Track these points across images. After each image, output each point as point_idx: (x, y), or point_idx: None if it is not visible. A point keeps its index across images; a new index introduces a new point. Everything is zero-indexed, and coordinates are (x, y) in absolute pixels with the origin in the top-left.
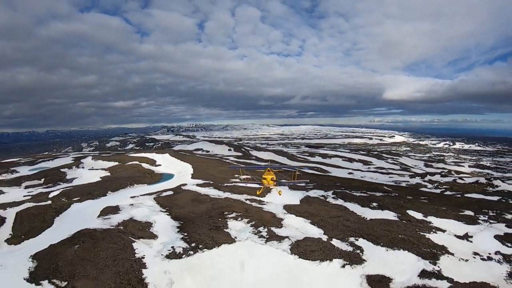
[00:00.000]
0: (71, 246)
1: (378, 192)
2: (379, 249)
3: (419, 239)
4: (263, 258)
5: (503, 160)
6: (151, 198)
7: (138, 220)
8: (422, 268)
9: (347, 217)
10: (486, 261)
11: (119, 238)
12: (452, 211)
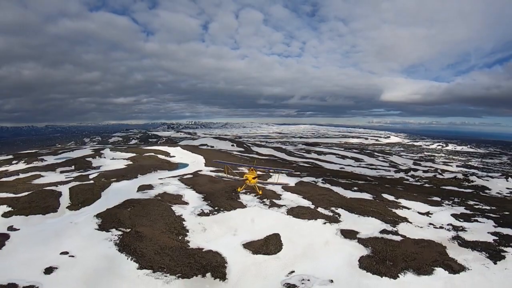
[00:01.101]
0: (124, 209)
1: (360, 181)
2: (352, 216)
3: (386, 211)
4: (267, 216)
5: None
6: (175, 179)
7: (171, 193)
8: (383, 228)
9: (331, 195)
10: (437, 229)
11: (160, 204)
12: (422, 196)
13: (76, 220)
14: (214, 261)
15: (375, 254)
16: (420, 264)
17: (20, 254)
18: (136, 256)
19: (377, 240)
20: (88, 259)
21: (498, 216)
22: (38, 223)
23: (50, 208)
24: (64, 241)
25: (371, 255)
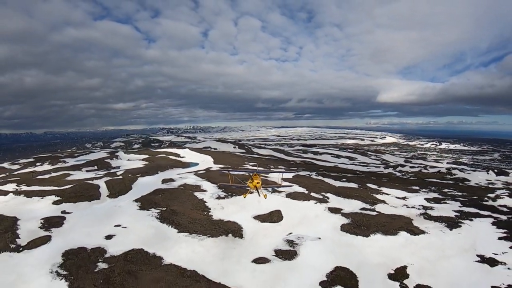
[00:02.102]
0: (156, 195)
1: (349, 174)
2: (339, 198)
3: (367, 196)
4: (270, 198)
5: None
6: (191, 174)
7: (190, 184)
8: (363, 207)
9: (322, 184)
10: (409, 208)
11: (184, 191)
12: (402, 186)
13: (119, 204)
14: (233, 227)
15: (354, 222)
16: (388, 229)
17: (80, 229)
18: (174, 225)
19: (356, 214)
20: (138, 228)
21: (466, 199)
22: (87, 207)
23: (94, 197)
24: (115, 218)
25: (350, 223)
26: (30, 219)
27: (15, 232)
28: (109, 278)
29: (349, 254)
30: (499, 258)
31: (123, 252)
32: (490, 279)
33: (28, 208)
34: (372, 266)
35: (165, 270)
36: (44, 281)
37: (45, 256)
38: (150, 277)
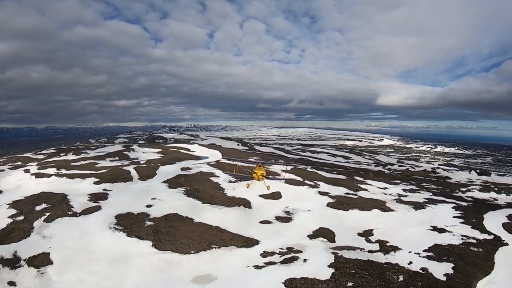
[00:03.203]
0: (179, 178)
1: (340, 169)
2: (328, 185)
3: (352, 185)
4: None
5: (474, 161)
6: (205, 164)
7: (205, 171)
8: (347, 192)
9: (316, 175)
10: (386, 195)
11: (201, 176)
12: (386, 179)
13: (151, 184)
14: (243, 201)
15: (337, 202)
16: (364, 207)
17: (123, 201)
18: (198, 199)
19: (341, 196)
20: (170, 201)
21: (438, 191)
22: (124, 187)
23: (127, 179)
24: (150, 194)
25: (334, 202)
26: (78, 195)
27: (68, 203)
28: (157, 229)
29: (331, 221)
30: (448, 228)
31: (163, 215)
32: (435, 239)
33: (73, 187)
34: (347, 228)
35: (197, 226)
36: (106, 233)
37: (101, 219)
38: (186, 229)
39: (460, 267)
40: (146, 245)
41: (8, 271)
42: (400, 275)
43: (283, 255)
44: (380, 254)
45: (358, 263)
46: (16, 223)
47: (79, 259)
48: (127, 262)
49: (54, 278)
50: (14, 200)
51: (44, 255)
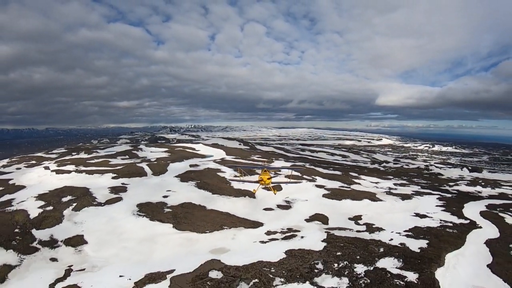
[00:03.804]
0: (189, 174)
1: (337, 166)
2: (325, 180)
3: (347, 179)
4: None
5: (470, 160)
6: (211, 161)
7: (212, 168)
8: (341, 185)
9: (313, 171)
10: (377, 188)
11: (209, 172)
12: (379, 175)
13: (164, 179)
14: (248, 193)
15: (332, 193)
16: (355, 197)
17: (142, 193)
18: (208, 190)
19: (335, 189)
20: (183, 192)
21: (426, 185)
22: (140, 181)
23: (142, 174)
24: (165, 187)
25: (329, 193)
26: (99, 188)
27: (91, 195)
28: (175, 215)
29: (325, 208)
30: (429, 215)
31: (179, 203)
32: (416, 223)
33: (93, 182)
34: (339, 214)
35: (209, 212)
36: (131, 219)
37: (124, 207)
38: (200, 214)
39: (434, 243)
40: (167, 227)
41: (48, 250)
42: (381, 248)
43: (284, 234)
44: (366, 233)
45: (347, 239)
46: (46, 212)
47: (111, 239)
48: (153, 240)
49: (91, 254)
50: (40, 193)
51: (79, 237)
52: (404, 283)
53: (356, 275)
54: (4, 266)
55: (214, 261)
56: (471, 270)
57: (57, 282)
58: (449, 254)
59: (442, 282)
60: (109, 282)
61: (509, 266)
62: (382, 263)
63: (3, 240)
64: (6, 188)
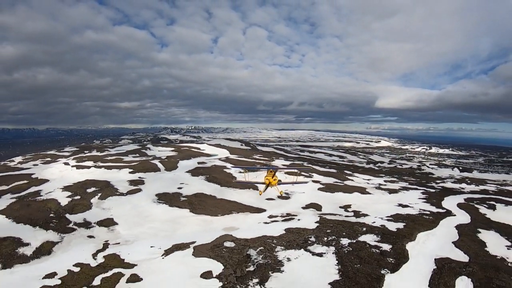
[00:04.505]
0: (199, 170)
1: (333, 165)
2: (320, 176)
3: (341, 176)
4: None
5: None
6: (216, 159)
7: (219, 165)
8: (335, 181)
9: (312, 169)
10: (368, 184)
11: (216, 168)
12: (372, 173)
13: (177, 174)
14: (253, 186)
15: (326, 187)
16: (347, 191)
17: (158, 185)
18: (217, 183)
19: (329, 184)
20: (195, 184)
21: (414, 182)
22: (155, 175)
23: (156, 170)
24: (178, 180)
25: (324, 187)
26: (119, 181)
27: (113, 187)
28: (190, 202)
29: (320, 199)
30: (411, 205)
31: (192, 193)
32: (398, 211)
33: (112, 176)
34: (331, 203)
35: (219, 200)
36: (152, 205)
37: (144, 196)
38: (212, 202)
39: (409, 225)
40: (185, 211)
41: (84, 230)
42: (364, 228)
43: (284, 217)
44: (353, 218)
45: (336, 221)
46: (75, 200)
47: (138, 221)
48: (174, 221)
49: (122, 232)
50: (65, 185)
51: (109, 219)
52: (379, 251)
53: (341, 245)
54: (47, 242)
55: (227, 236)
56: (437, 245)
57: (98, 252)
58: (421, 233)
59: (411, 252)
60: (142, 251)
61: (472, 244)
62: (363, 238)
63: (41, 223)
64: (31, 181)
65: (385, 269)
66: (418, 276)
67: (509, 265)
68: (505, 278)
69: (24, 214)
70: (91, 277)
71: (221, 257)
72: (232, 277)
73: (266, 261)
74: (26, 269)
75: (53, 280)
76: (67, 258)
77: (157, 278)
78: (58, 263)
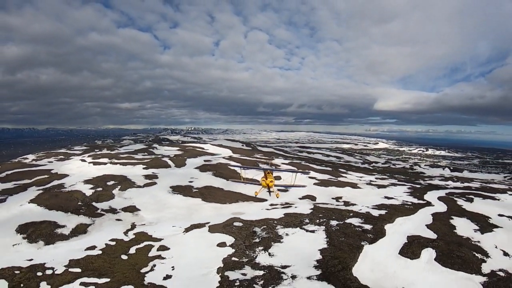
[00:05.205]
0: (206, 166)
1: (329, 164)
2: (316, 173)
3: (335, 173)
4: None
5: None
6: (220, 158)
7: (223, 162)
8: (330, 177)
9: (308, 167)
10: (360, 181)
11: (221, 165)
12: (364, 172)
13: (186, 169)
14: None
15: (321, 182)
16: (339, 185)
17: (171, 179)
18: (223, 177)
19: (325, 180)
20: (204, 178)
21: (403, 179)
22: (167, 171)
23: (167, 166)
24: (188, 175)
25: (319, 183)
26: (135, 175)
27: (130, 181)
28: (201, 193)
29: (315, 192)
30: (395, 197)
31: (202, 186)
32: (383, 202)
33: (128, 171)
34: (325, 195)
35: (226, 192)
36: (168, 195)
37: (160, 188)
38: (220, 193)
39: (390, 212)
40: (198, 200)
41: (112, 215)
42: (351, 214)
43: (283, 206)
44: (343, 206)
45: (328, 209)
46: (98, 192)
47: (157, 208)
48: (189, 208)
49: (145, 216)
50: (85, 179)
51: (132, 206)
52: (362, 229)
53: (331, 225)
54: (81, 224)
55: (235, 218)
56: (412, 226)
57: (128, 231)
58: (399, 218)
59: (388, 230)
60: (166, 229)
61: (443, 226)
62: (350, 220)
63: (72, 210)
64: (52, 176)
65: (364, 241)
66: (391, 247)
67: (472, 243)
68: (465, 251)
69: (54, 203)
70: (127, 247)
71: (232, 233)
72: (242, 246)
73: (268, 235)
74: (67, 245)
75: (95, 251)
76: (102, 236)
77: (182, 248)
78: (95, 239)
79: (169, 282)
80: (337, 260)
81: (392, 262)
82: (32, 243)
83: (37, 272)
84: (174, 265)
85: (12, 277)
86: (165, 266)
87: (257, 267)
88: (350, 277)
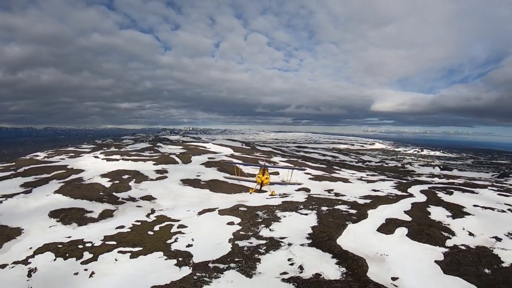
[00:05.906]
0: (210, 163)
1: (324, 162)
2: (311, 170)
3: (329, 170)
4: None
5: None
6: (223, 156)
7: (226, 159)
8: (323, 173)
9: (304, 164)
10: (352, 176)
11: (224, 161)
12: (357, 169)
13: (193, 166)
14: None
15: (316, 178)
16: (332, 180)
17: (180, 174)
18: (227, 173)
19: (318, 176)
20: (210, 173)
21: (392, 176)
22: (175, 167)
23: (175, 162)
24: (195, 170)
25: (314, 178)
26: (146, 171)
27: (143, 175)
28: (209, 185)
29: (309, 185)
30: (382, 190)
31: (209, 179)
32: (370, 193)
33: (140, 167)
34: (318, 188)
35: (230, 184)
36: (179, 186)
37: (170, 181)
38: (225, 186)
39: (375, 201)
40: (207, 190)
41: (132, 203)
42: (340, 201)
43: (281, 196)
44: (333, 196)
45: (320, 198)
46: (116, 184)
47: (171, 197)
48: (199, 197)
49: (162, 203)
50: (101, 174)
51: (149, 196)
52: (348, 213)
53: (321, 210)
54: (106, 210)
55: (241, 205)
56: (391, 212)
57: (149, 215)
58: (381, 205)
59: (370, 214)
60: (182, 213)
61: (419, 212)
62: (338, 207)
63: (96, 198)
64: (69, 171)
65: (349, 221)
66: (371, 226)
67: (442, 225)
68: (434, 230)
69: (78, 193)
70: (151, 226)
71: (239, 215)
72: (247, 224)
73: (269, 217)
74: (98, 225)
75: (124, 229)
76: (127, 218)
77: (198, 226)
78: (121, 221)
79: (192, 249)
80: (325, 234)
81: (370, 236)
82: (66, 225)
83: (78, 245)
84: (193, 237)
85: (57, 250)
86: (186, 239)
87: (260, 238)
88: (335, 245)
